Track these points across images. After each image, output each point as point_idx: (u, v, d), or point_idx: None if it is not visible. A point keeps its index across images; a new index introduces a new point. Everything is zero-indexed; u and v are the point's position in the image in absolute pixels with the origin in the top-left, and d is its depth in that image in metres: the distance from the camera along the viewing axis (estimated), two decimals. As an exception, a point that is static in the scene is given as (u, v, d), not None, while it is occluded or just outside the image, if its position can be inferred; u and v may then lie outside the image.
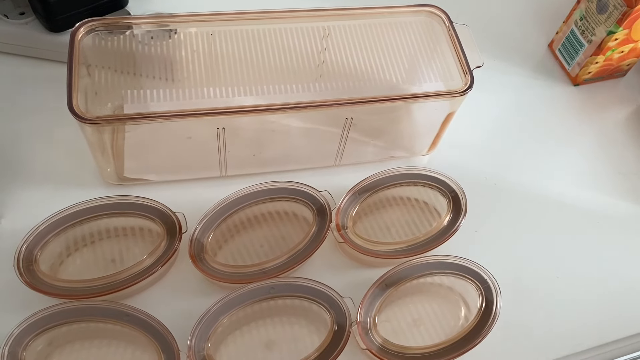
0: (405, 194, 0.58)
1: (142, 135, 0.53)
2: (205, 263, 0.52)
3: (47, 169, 0.57)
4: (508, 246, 0.59)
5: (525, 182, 0.64)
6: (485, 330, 0.51)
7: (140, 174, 0.57)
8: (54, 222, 0.51)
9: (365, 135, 0.59)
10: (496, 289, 0.53)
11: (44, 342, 0.47)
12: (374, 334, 0.50)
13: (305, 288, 0.51)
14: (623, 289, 0.58)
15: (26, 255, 0.49)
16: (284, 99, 0.52)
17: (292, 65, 0.54)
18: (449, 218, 0.57)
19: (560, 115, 0.70)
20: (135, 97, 0.50)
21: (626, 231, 0.62)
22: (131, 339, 0.48)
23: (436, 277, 0.54)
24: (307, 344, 0.50)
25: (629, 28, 0.64)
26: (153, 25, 0.54)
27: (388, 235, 0.56)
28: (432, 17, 0.58)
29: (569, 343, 0.54)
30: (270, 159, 0.59)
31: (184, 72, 0.53)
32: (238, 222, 0.54)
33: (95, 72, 0.51)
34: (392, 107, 0.55)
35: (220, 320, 0.49)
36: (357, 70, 0.55)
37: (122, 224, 0.53)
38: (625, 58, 0.69)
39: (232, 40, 0.54)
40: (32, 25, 0.61)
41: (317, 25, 0.56)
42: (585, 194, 0.64)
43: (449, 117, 0.58)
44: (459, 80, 0.55)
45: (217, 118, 0.51)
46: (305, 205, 0.55)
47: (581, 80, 0.71)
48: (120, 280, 0.50)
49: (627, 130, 0.69)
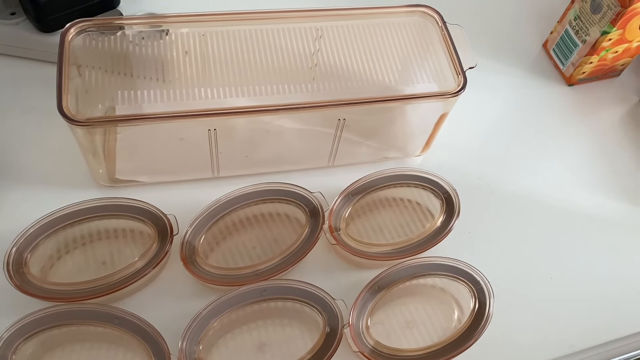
0: (398, 195, 0.58)
1: (133, 137, 0.53)
2: (196, 265, 0.51)
3: (38, 170, 0.57)
4: (501, 247, 0.59)
5: (518, 183, 0.63)
6: (478, 331, 0.51)
7: (132, 175, 0.57)
8: (44, 224, 0.50)
9: (359, 136, 0.59)
10: (489, 290, 0.52)
11: (34, 346, 0.47)
12: (367, 336, 0.50)
13: (297, 290, 0.51)
14: (617, 289, 0.58)
15: (16, 258, 0.49)
16: (277, 100, 0.52)
17: (285, 66, 0.54)
18: (442, 219, 0.57)
19: (555, 115, 0.69)
20: (126, 98, 0.50)
21: (621, 231, 0.62)
22: (122, 342, 0.48)
23: (429, 279, 0.54)
24: (299, 347, 0.49)
25: (622, 28, 0.64)
26: (145, 26, 0.54)
27: (381, 236, 0.56)
28: (425, 17, 0.58)
29: (563, 344, 0.54)
30: (262, 160, 0.58)
31: (175, 72, 0.52)
32: (230, 224, 0.54)
33: (86, 72, 0.51)
34: (385, 108, 0.55)
35: (212, 323, 0.49)
36: (350, 71, 0.55)
37: (114, 226, 0.53)
38: (619, 58, 0.69)
39: (225, 40, 0.54)
40: (22, 26, 0.60)
41: (310, 26, 0.56)
42: (579, 194, 0.64)
43: (442, 117, 0.58)
44: (452, 81, 0.55)
45: (209, 119, 0.50)
46: (297, 206, 0.55)
47: (575, 80, 0.71)
48: (112, 282, 0.49)
49: (622, 130, 0.69)
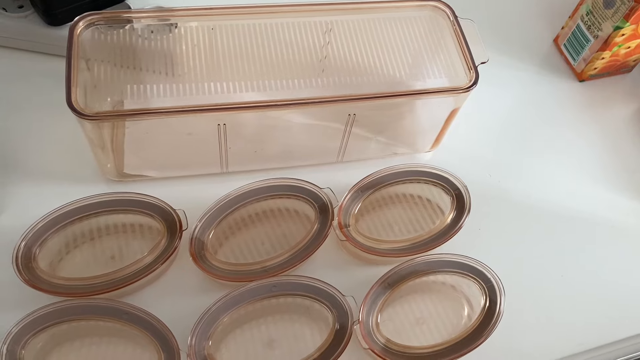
0: (408, 192, 0.58)
1: (142, 131, 0.53)
2: (205, 261, 0.51)
3: (46, 164, 0.56)
4: (512, 245, 0.58)
5: (529, 180, 0.63)
6: (488, 329, 0.50)
7: (140, 170, 0.56)
8: (52, 219, 0.50)
9: (368, 131, 0.58)
10: (500, 288, 0.52)
11: (42, 340, 0.47)
12: (376, 333, 0.50)
13: (306, 286, 0.50)
14: (628, 288, 0.58)
15: (25, 253, 0.49)
16: (286, 94, 0.51)
17: (294, 60, 0.54)
18: (453, 216, 0.56)
19: (565, 111, 0.69)
20: (135, 93, 0.49)
21: (632, 229, 0.61)
22: (131, 337, 0.48)
23: (439, 276, 0.53)
24: (308, 343, 0.49)
25: (636, 23, 0.63)
26: (153, 19, 0.53)
27: (391, 233, 0.55)
28: (436, 11, 0.57)
29: (572, 343, 0.54)
30: (271, 155, 0.58)
31: (184, 66, 0.52)
32: (239, 220, 0.54)
33: (95, 66, 0.51)
34: (396, 103, 0.55)
35: (221, 318, 0.48)
36: (360, 66, 0.54)
37: (122, 221, 0.52)
38: (632, 54, 0.68)
39: (234, 34, 0.54)
40: (30, 19, 0.60)
41: (320, 20, 0.56)
42: (590, 191, 0.63)
43: (453, 113, 0.57)
44: (464, 76, 0.54)
45: (218, 114, 0.50)
46: (307, 202, 0.55)
47: (587, 76, 0.70)
48: (120, 277, 0.49)
49: (633, 127, 0.68)
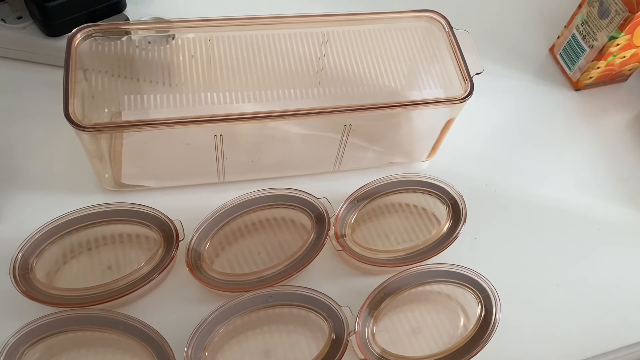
0: (404, 201, 0.58)
1: (140, 142, 0.53)
2: (202, 271, 0.51)
3: (44, 174, 0.57)
4: (508, 254, 0.59)
5: (525, 189, 0.63)
6: (484, 339, 0.51)
7: (138, 180, 0.57)
8: (50, 229, 0.50)
9: (365, 141, 0.59)
10: (495, 297, 0.52)
11: (39, 351, 0.47)
12: (372, 344, 0.50)
13: (302, 297, 0.50)
14: (625, 296, 0.58)
15: (22, 264, 0.49)
16: (283, 105, 0.52)
17: (291, 71, 0.54)
18: (449, 225, 0.57)
19: (561, 120, 0.69)
20: (133, 103, 0.49)
21: (628, 237, 0.61)
22: (127, 347, 0.48)
23: (435, 286, 0.54)
24: (304, 353, 0.49)
25: (630, 33, 0.63)
26: (151, 31, 0.54)
27: (387, 242, 0.56)
28: (432, 22, 0.58)
29: (569, 352, 0.54)
30: (268, 165, 0.58)
31: (182, 77, 0.52)
32: (235, 230, 0.54)
33: (93, 77, 0.51)
34: (392, 113, 0.55)
35: (217, 329, 0.49)
36: (356, 76, 0.55)
37: (119, 231, 0.53)
38: (627, 63, 0.69)
39: (231, 45, 0.54)
40: (29, 30, 0.60)
41: (316, 31, 0.56)
42: (586, 200, 0.63)
43: (449, 123, 0.58)
44: (459, 87, 0.54)
45: (215, 125, 0.50)
46: (303, 212, 0.55)
47: (582, 85, 0.71)
48: (117, 288, 0.49)
49: (629, 136, 0.69)
